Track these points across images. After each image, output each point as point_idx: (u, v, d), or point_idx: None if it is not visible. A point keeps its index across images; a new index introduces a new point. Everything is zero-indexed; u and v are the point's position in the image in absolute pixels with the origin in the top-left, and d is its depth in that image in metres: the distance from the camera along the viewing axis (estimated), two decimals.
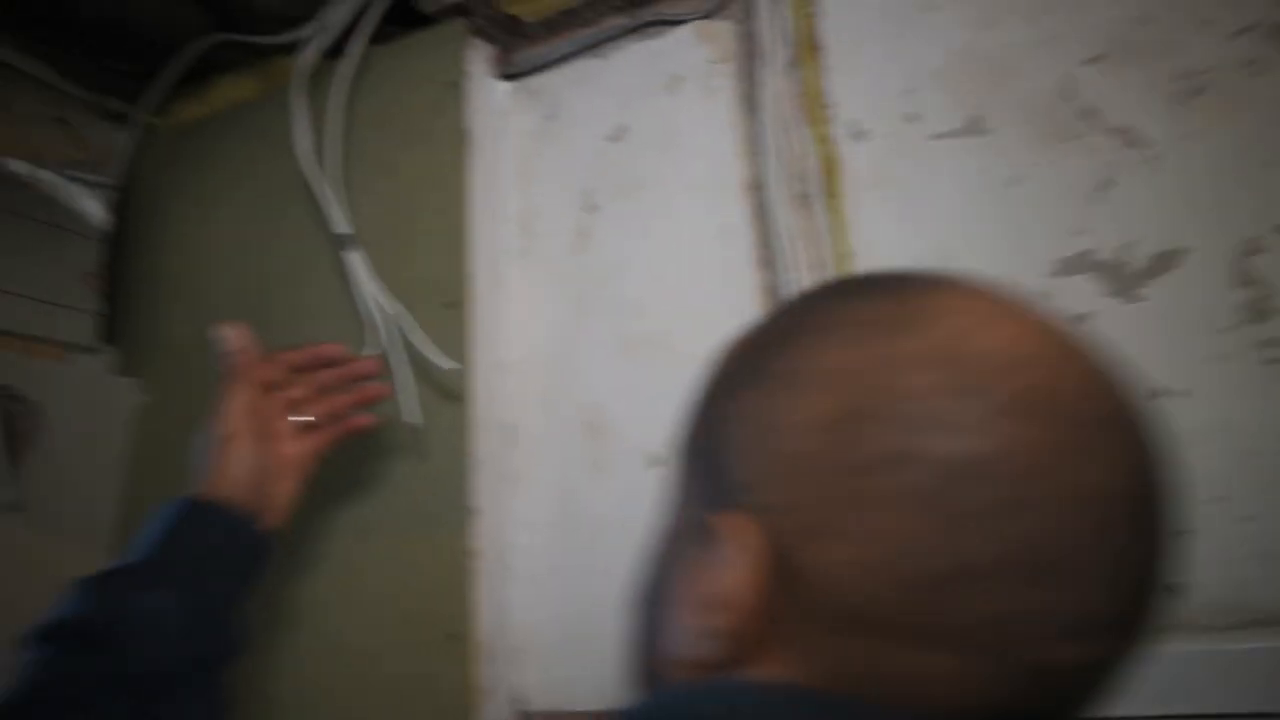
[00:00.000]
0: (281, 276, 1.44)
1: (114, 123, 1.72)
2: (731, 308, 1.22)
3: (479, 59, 1.43)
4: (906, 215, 1.17)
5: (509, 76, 1.48)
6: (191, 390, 1.50)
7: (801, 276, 1.19)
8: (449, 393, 1.24)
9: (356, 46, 1.41)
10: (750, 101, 1.28)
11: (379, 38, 1.45)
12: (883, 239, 1.18)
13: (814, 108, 1.24)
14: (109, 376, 1.56)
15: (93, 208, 1.61)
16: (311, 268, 1.41)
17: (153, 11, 1.69)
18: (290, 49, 1.61)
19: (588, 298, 1.32)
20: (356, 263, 1.25)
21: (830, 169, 1.21)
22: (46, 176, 1.55)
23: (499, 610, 1.23)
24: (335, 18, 1.44)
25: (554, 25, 1.45)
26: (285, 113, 1.53)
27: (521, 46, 1.48)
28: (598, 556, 1.24)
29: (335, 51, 1.51)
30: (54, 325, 1.51)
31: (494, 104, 1.45)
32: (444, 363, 1.20)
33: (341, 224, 1.27)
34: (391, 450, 1.28)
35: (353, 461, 1.29)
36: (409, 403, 1.21)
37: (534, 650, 1.24)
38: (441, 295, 1.29)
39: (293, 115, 1.35)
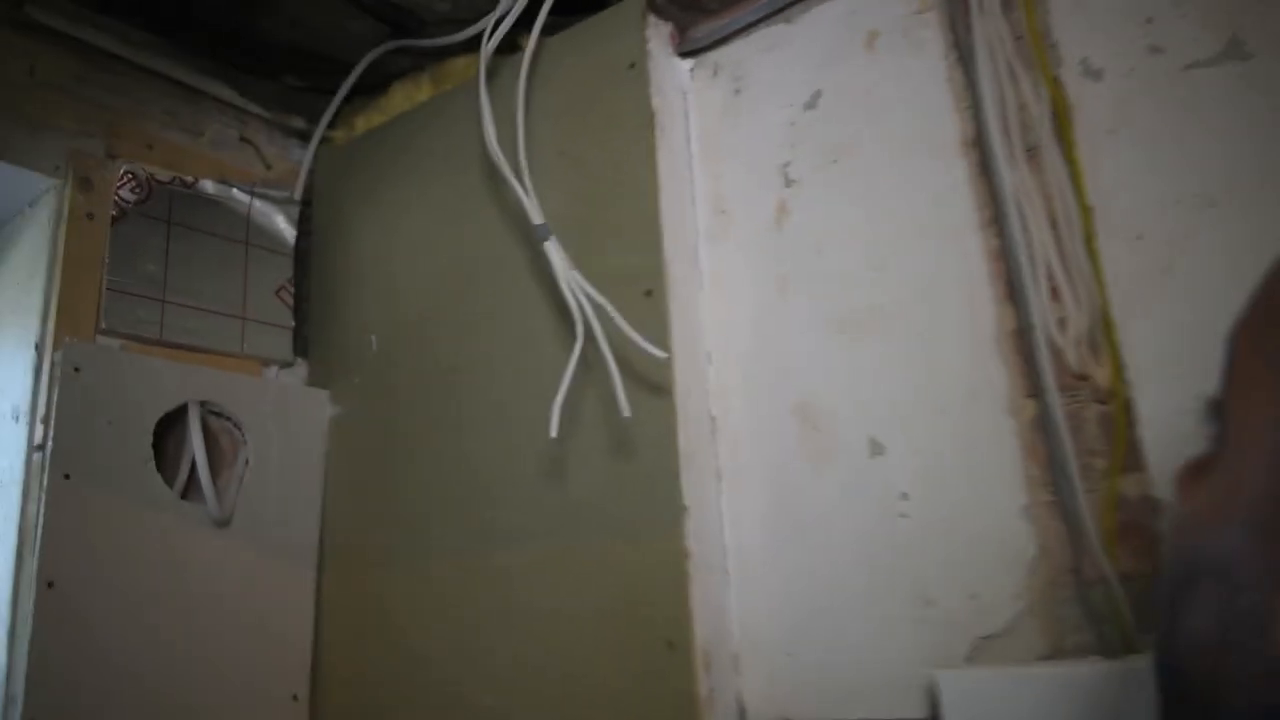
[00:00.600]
0: (475, 275, 1.46)
1: (296, 139, 1.79)
2: (955, 276, 1.16)
3: (658, 37, 1.41)
4: (1155, 161, 1.08)
5: (690, 53, 1.46)
6: (383, 400, 1.54)
7: (1034, 237, 1.11)
8: (653, 386, 1.22)
9: (534, 36, 1.41)
10: (962, 50, 1.21)
11: (552, 27, 1.46)
12: (1127, 188, 1.09)
13: (1037, 49, 1.16)
14: (305, 390, 1.62)
15: (281, 223, 1.68)
16: (505, 263, 1.43)
17: (327, 29, 1.76)
18: (462, 49, 1.65)
19: (792, 277, 1.28)
20: (555, 253, 1.25)
21: (1061, 115, 1.13)
22: (236, 195, 1.63)
23: (716, 615, 1.20)
24: (507, 11, 1.46)
25: None
26: (460, 112, 1.56)
27: (700, 20, 1.46)
28: (819, 555, 1.19)
29: (508, 46, 1.53)
30: (250, 341, 1.58)
31: (677, 82, 1.43)
32: (655, 352, 1.18)
33: (538, 215, 1.27)
34: (598, 450, 1.26)
35: (558, 462, 1.29)
36: (619, 396, 1.18)
37: (756, 657, 1.20)
38: (638, 284, 1.27)
39: (480, 111, 1.36)
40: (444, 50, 1.68)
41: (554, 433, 1.17)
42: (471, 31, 1.53)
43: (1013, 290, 1.12)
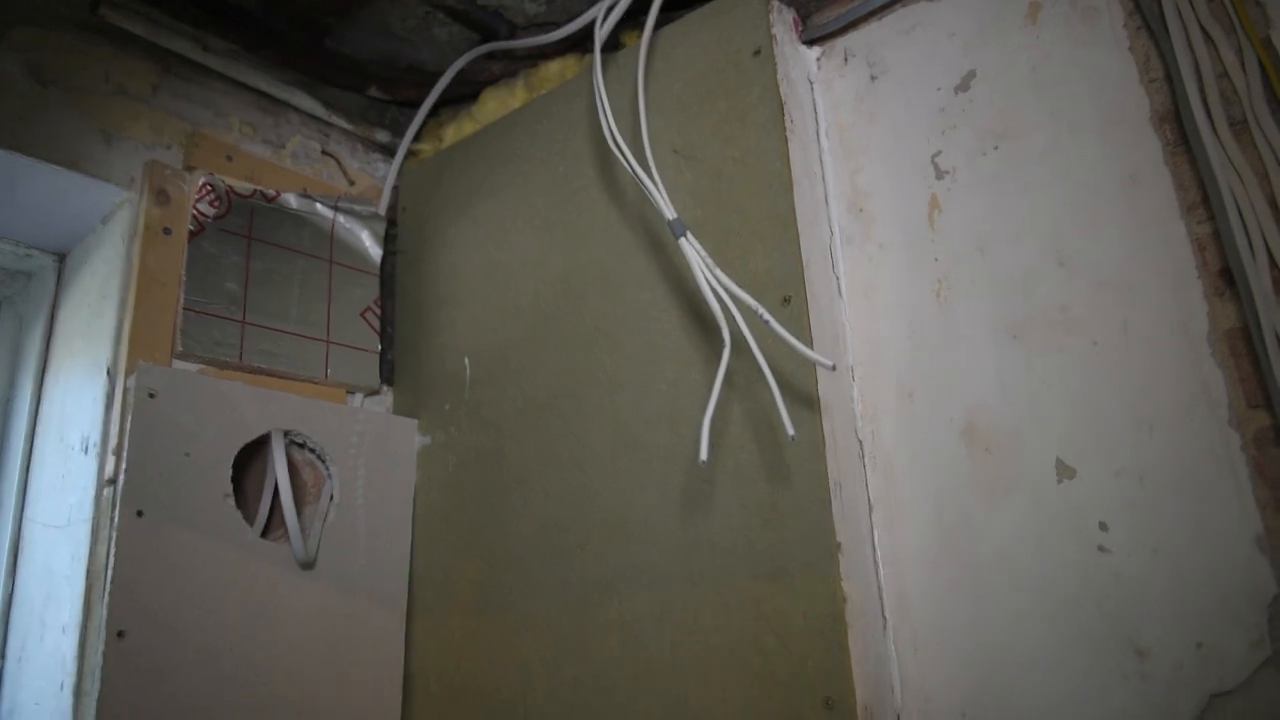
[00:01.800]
0: (586, 287, 1.33)
1: (381, 153, 1.69)
2: (1155, 269, 1.00)
3: (782, 23, 1.28)
4: None
5: (816, 40, 1.33)
6: (479, 429, 1.41)
7: (1252, 220, 0.95)
8: (799, 402, 1.07)
9: (650, 21, 1.29)
10: (1146, 15, 1.06)
11: (660, 21, 1.34)
12: None
13: (1241, 11, 1.00)
14: (393, 418, 1.49)
15: (366, 241, 1.57)
16: (622, 272, 1.29)
17: (413, 37, 1.66)
18: (556, 52, 1.54)
19: (951, 280, 1.13)
20: (693, 251, 1.10)
21: (1277, 80, 0.97)
22: (320, 210, 1.52)
23: (877, 669, 1.03)
24: (614, 4, 1.34)
25: None
26: (561, 115, 1.44)
27: (827, 4, 1.33)
28: (998, 600, 1.02)
29: (611, 44, 1.41)
30: (334, 366, 1.46)
31: (804, 71, 1.30)
32: (822, 361, 1.03)
33: (669, 209, 1.13)
34: (737, 478, 1.11)
35: (691, 493, 1.14)
36: (782, 413, 1.02)
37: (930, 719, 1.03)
38: (775, 290, 1.13)
39: (600, 103, 1.24)
40: (538, 54, 1.57)
41: (704, 455, 1.01)
42: (575, 27, 1.41)
43: (1229, 282, 0.96)
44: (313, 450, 1.39)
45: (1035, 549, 1.01)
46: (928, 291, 1.14)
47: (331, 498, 1.38)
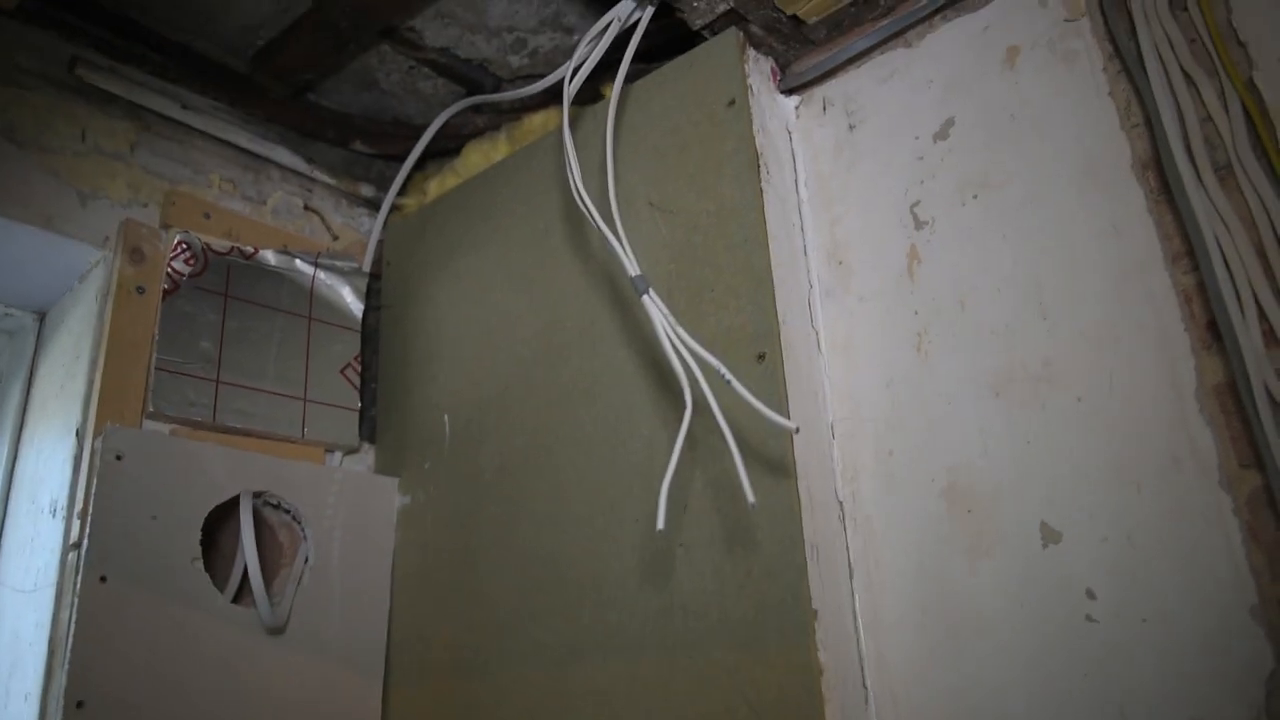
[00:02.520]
0: (562, 344, 1.30)
1: (365, 208, 1.67)
2: (1139, 322, 0.95)
3: (758, 73, 1.25)
4: None
5: (794, 89, 1.30)
6: (459, 488, 1.37)
7: (1239, 270, 0.90)
8: (772, 465, 1.03)
9: (620, 76, 1.26)
10: (1125, 59, 1.03)
11: (635, 74, 1.32)
12: None
13: (1222, 52, 0.97)
14: (372, 478, 1.46)
15: (348, 297, 1.54)
16: (597, 328, 1.26)
17: (397, 91, 1.65)
18: (539, 104, 1.52)
19: (932, 333, 1.09)
20: (656, 308, 1.06)
21: (1261, 126, 0.93)
22: (300, 267, 1.50)
23: None
24: (586, 58, 1.32)
25: (841, 21, 1.26)
26: (541, 168, 1.42)
27: (805, 53, 1.30)
28: (983, 669, 0.97)
29: (590, 95, 1.39)
30: (312, 424, 1.43)
31: (781, 121, 1.27)
32: (782, 423, 0.98)
33: (633, 265, 1.10)
34: (709, 542, 1.06)
35: (664, 557, 1.10)
36: (743, 479, 0.97)
37: None
38: (749, 346, 1.09)
39: (566, 158, 1.21)
40: (521, 106, 1.55)
41: (661, 524, 0.97)
42: (550, 80, 1.39)
43: (1216, 335, 0.91)
44: (288, 511, 1.36)
45: (1020, 616, 0.96)
46: (908, 345, 1.10)
47: (306, 560, 1.34)
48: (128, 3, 1.44)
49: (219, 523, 1.29)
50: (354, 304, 1.55)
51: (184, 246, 1.38)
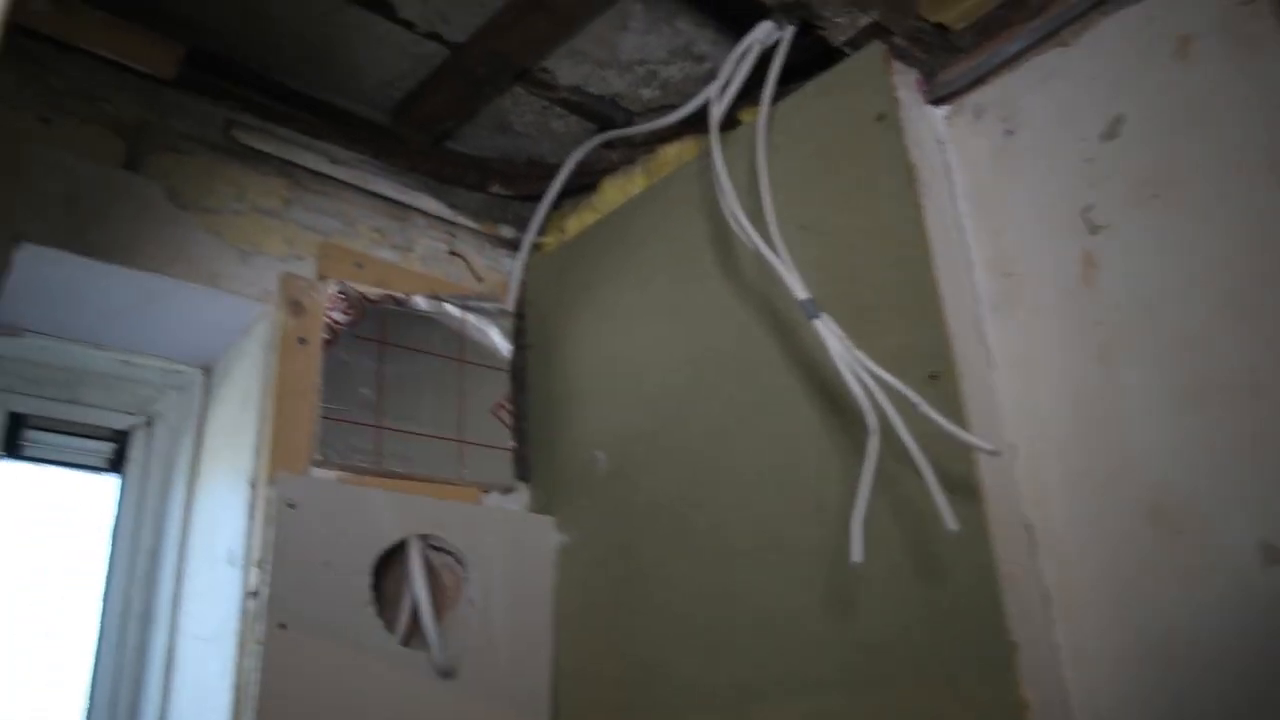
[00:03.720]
0: (718, 373, 1.26)
1: (506, 249, 1.68)
2: None
3: (905, 85, 1.21)
4: None
5: (942, 99, 1.25)
6: (617, 525, 1.35)
7: None
8: (959, 489, 0.97)
9: (767, 94, 1.23)
10: None
11: (776, 93, 1.28)
12: None
13: None
14: (529, 516, 1.44)
15: (495, 337, 1.55)
16: (756, 355, 1.22)
17: (531, 132, 1.66)
18: (674, 135, 1.50)
19: (1117, 343, 1.01)
20: (829, 332, 1.02)
21: None
22: (449, 310, 1.51)
23: None
24: (729, 78, 1.29)
25: (989, 26, 1.21)
26: (680, 198, 1.39)
27: (951, 62, 1.25)
28: (1208, 703, 0.89)
29: (727, 123, 1.36)
30: (469, 465, 1.43)
31: (932, 133, 1.22)
32: (982, 446, 0.92)
33: (801, 289, 1.06)
34: (896, 574, 1.01)
35: (845, 591, 1.05)
36: (941, 504, 0.92)
37: None
38: (920, 366, 1.03)
39: (718, 182, 1.18)
40: (655, 139, 1.54)
41: (857, 556, 0.91)
42: (690, 109, 1.37)
43: None
44: (450, 553, 1.35)
45: (1240, 643, 0.87)
46: (1091, 357, 1.03)
47: (471, 601, 1.33)
48: (276, 66, 1.48)
49: (386, 566, 1.30)
50: (502, 344, 1.55)
51: (341, 297, 1.40)
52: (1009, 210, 1.15)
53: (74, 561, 1.46)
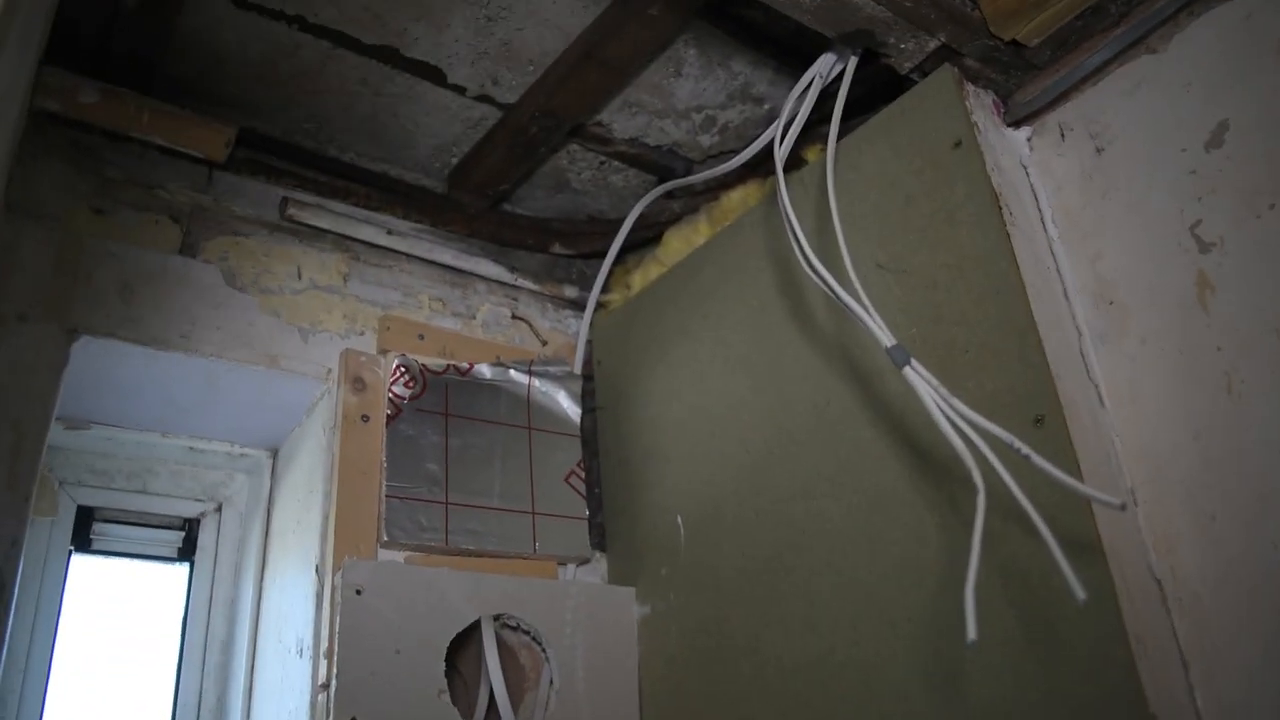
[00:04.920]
0: (801, 429, 1.18)
1: (570, 309, 1.63)
2: None
3: (981, 108, 1.12)
4: None
5: (1020, 120, 1.16)
6: (701, 594, 1.26)
7: None
8: (1072, 544, 0.86)
9: (834, 130, 1.16)
10: None
11: (841, 129, 1.21)
12: None
13: None
14: (608, 589, 1.37)
15: (564, 401, 1.48)
16: (840, 408, 1.13)
17: (589, 189, 1.62)
18: (736, 180, 1.43)
19: (1243, 370, 0.91)
20: (921, 380, 0.92)
21: None
22: (514, 376, 1.45)
23: None
24: (793, 116, 1.22)
25: (1067, 39, 1.12)
26: (749, 244, 1.32)
27: (1027, 80, 1.16)
28: None
29: (790, 163, 1.29)
30: (542, 538, 1.36)
31: (1014, 156, 1.13)
32: (1107, 500, 0.82)
33: (887, 336, 0.97)
34: (1008, 642, 0.90)
35: (952, 663, 0.94)
36: (1065, 569, 0.80)
37: None
38: (1022, 410, 0.94)
39: (790, 228, 1.10)
40: (717, 185, 1.47)
41: (972, 634, 0.81)
42: (753, 151, 1.30)
43: None
44: (527, 632, 1.28)
45: None
46: (1214, 387, 0.92)
47: (551, 682, 1.25)
48: (328, 141, 1.47)
49: (459, 649, 1.23)
50: (570, 409, 1.49)
51: (402, 370, 1.35)
52: (1106, 233, 1.05)
53: (147, 653, 1.42)
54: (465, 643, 1.23)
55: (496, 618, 1.25)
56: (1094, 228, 1.06)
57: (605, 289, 1.58)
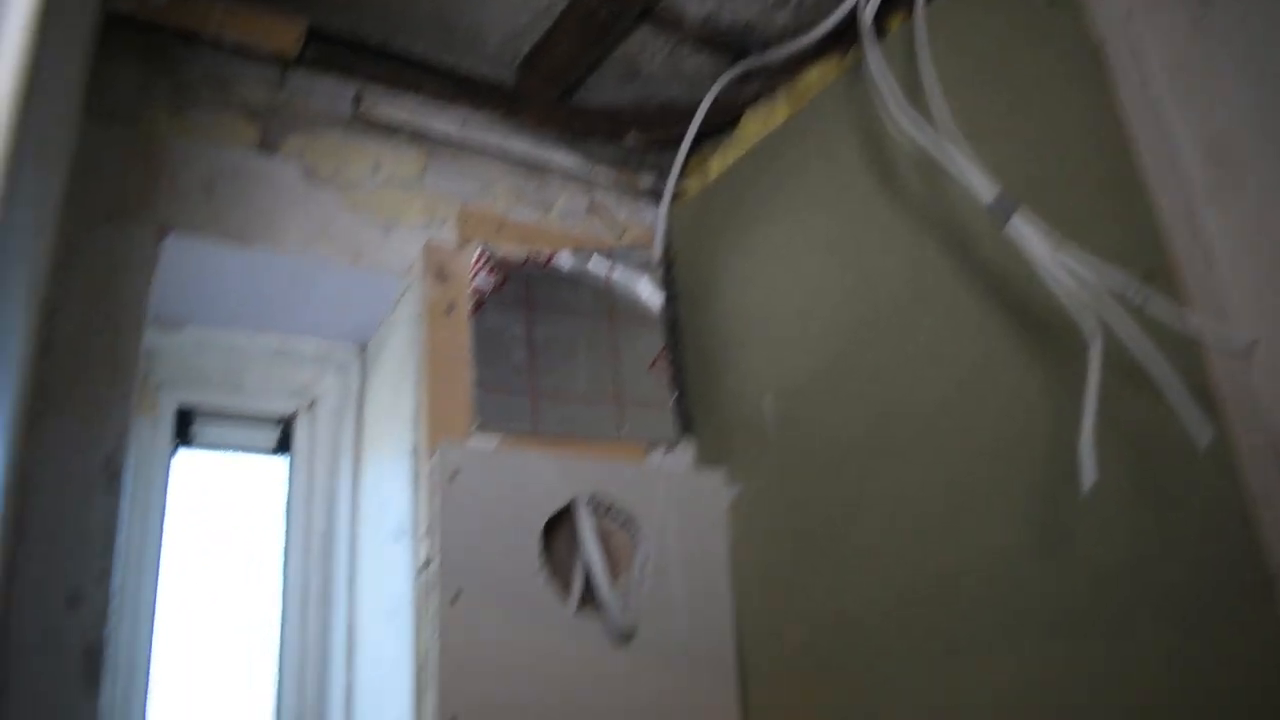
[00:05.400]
0: (893, 299, 1.16)
1: (647, 198, 1.60)
2: None
3: None
4: None
5: None
6: (793, 472, 1.26)
7: None
8: (1192, 396, 0.83)
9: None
10: None
11: None
12: None
13: None
14: (697, 472, 1.37)
15: (645, 290, 1.47)
16: (935, 274, 1.10)
17: (662, 75, 1.57)
18: (813, 58, 1.39)
19: None
20: (1029, 232, 0.89)
21: None
22: (594, 266, 1.44)
23: None
24: None
25: None
26: (831, 119, 1.29)
27: None
28: None
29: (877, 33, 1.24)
30: (629, 423, 1.36)
31: (1117, 7, 1.07)
32: (1231, 339, 0.79)
33: (986, 188, 0.94)
34: (1120, 498, 0.88)
35: (1061, 524, 0.93)
36: (1191, 413, 0.79)
37: None
38: (1131, 266, 0.90)
39: (878, 88, 1.06)
40: (794, 64, 1.42)
41: (1090, 478, 0.79)
42: (834, 20, 1.26)
43: None
44: (619, 515, 1.29)
45: None
46: None
47: (644, 564, 1.27)
48: (397, 35, 1.44)
49: (553, 532, 1.25)
50: (652, 297, 1.48)
51: (484, 261, 1.35)
52: (1217, 83, 0.99)
53: (251, 545, 1.47)
54: (560, 525, 1.25)
55: (590, 498, 1.26)
56: (1204, 78, 1.01)
57: (682, 175, 1.56)
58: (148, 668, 1.31)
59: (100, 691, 1.00)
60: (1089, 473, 0.79)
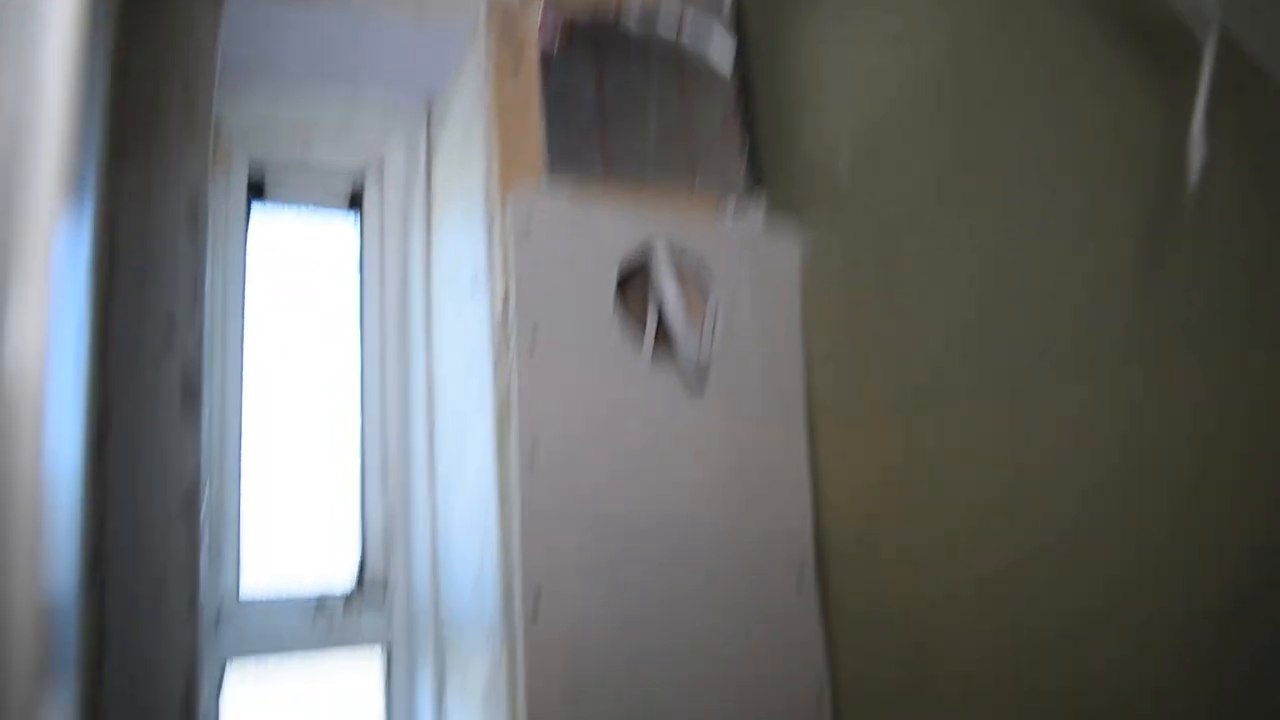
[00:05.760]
0: (976, 39, 1.08)
1: None
2: None
3: None
4: None
5: None
6: (865, 221, 1.24)
7: None
8: None
9: None
10: None
11: None
12: None
13: None
14: (770, 223, 1.35)
15: (716, 43, 1.41)
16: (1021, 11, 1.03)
17: None
18: None
19: None
20: None
21: None
22: (663, 21, 1.39)
23: None
24: None
25: None
26: None
27: None
28: None
29: None
30: (702, 175, 1.34)
31: None
32: None
33: None
34: (1214, 206, 0.83)
35: (1128, 253, 0.89)
36: None
37: None
38: None
39: None
40: None
41: (1199, 164, 0.75)
42: None
43: None
44: (692, 265, 1.29)
45: None
46: None
47: (716, 313, 1.27)
48: None
49: (630, 278, 1.25)
50: (722, 50, 1.42)
51: (551, 17, 1.30)
52: None
53: (329, 303, 1.50)
54: (632, 281, 1.25)
55: (670, 245, 1.26)
56: None
57: None
58: (240, 412, 1.37)
59: (199, 418, 1.04)
60: (1198, 159, 0.74)
